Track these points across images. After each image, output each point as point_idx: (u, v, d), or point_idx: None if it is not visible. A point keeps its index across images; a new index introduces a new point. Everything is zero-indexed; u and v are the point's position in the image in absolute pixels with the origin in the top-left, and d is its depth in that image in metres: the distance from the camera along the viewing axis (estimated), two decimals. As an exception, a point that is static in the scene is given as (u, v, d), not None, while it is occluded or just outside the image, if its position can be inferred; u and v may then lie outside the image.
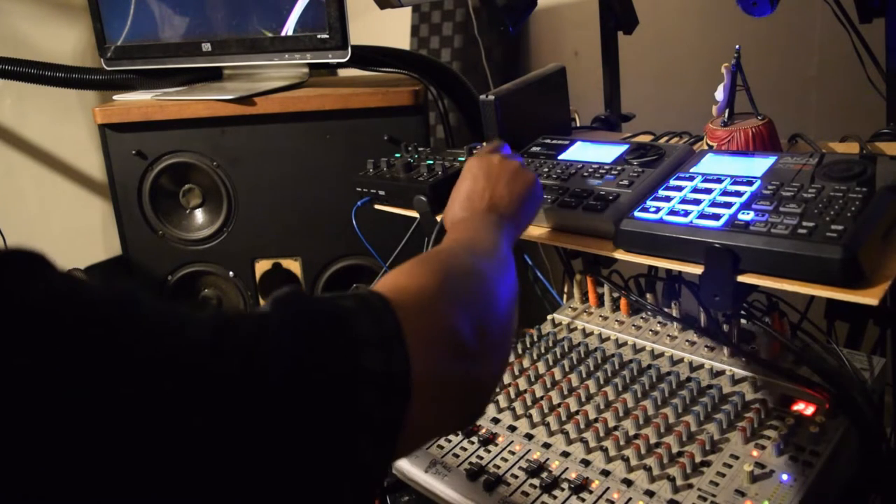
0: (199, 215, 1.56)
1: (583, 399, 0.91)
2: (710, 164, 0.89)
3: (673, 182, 0.86)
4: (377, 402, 0.41)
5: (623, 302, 1.07)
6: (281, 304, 0.42)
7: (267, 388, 0.37)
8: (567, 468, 0.81)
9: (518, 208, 0.75)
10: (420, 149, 1.17)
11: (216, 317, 0.38)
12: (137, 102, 1.50)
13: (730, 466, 0.76)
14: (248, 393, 0.36)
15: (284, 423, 0.37)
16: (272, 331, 0.39)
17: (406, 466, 0.87)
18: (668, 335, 1.00)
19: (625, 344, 1.01)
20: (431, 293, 0.50)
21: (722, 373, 0.90)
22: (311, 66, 1.50)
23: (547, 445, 0.86)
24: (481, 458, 0.86)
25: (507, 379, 1.00)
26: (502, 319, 0.55)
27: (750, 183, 0.81)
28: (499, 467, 0.84)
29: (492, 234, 0.68)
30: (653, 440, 0.81)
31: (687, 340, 0.98)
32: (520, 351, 1.05)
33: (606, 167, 0.94)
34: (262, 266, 1.55)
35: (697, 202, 0.80)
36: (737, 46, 0.95)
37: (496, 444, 0.88)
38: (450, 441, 0.90)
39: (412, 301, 0.48)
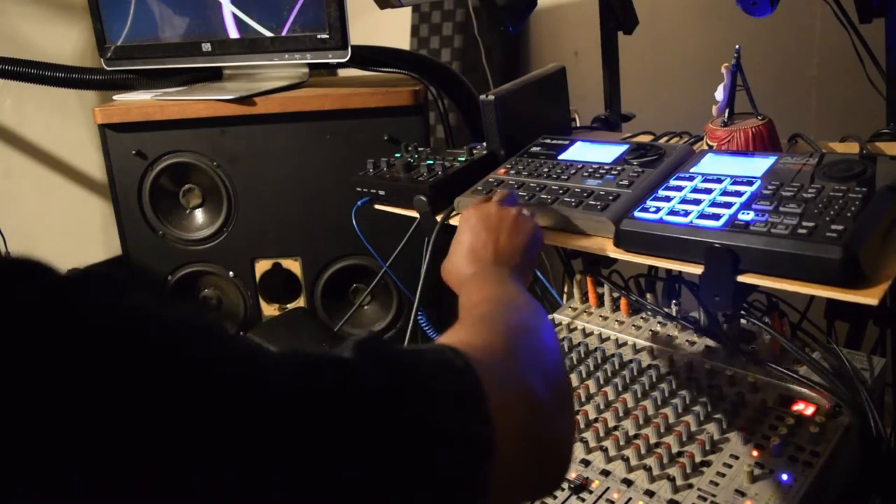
0: (199, 215, 1.56)
1: (583, 399, 0.91)
2: (710, 164, 0.89)
3: (673, 182, 0.86)
4: (453, 463, 0.39)
5: (623, 302, 1.07)
6: (363, 350, 0.41)
7: (352, 431, 0.36)
8: (567, 468, 0.81)
9: (522, 259, 0.76)
10: (420, 149, 1.17)
11: (296, 355, 0.38)
12: (137, 102, 1.50)
13: (730, 466, 0.76)
14: (323, 433, 0.35)
15: (362, 466, 0.36)
16: (357, 377, 0.39)
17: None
18: (668, 335, 1.00)
19: (625, 344, 1.01)
20: (502, 352, 0.49)
21: (722, 373, 0.90)
22: (311, 66, 1.50)
23: (547, 445, 0.85)
24: (481, 458, 0.86)
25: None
26: (562, 370, 0.54)
27: (750, 183, 0.81)
28: (499, 467, 0.84)
29: (514, 287, 0.67)
30: (653, 440, 0.81)
31: (687, 340, 0.98)
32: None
33: (606, 167, 0.94)
34: (262, 266, 1.55)
35: (697, 202, 0.80)
36: (737, 46, 0.95)
37: (496, 444, 0.88)
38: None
39: (486, 360, 0.46)
